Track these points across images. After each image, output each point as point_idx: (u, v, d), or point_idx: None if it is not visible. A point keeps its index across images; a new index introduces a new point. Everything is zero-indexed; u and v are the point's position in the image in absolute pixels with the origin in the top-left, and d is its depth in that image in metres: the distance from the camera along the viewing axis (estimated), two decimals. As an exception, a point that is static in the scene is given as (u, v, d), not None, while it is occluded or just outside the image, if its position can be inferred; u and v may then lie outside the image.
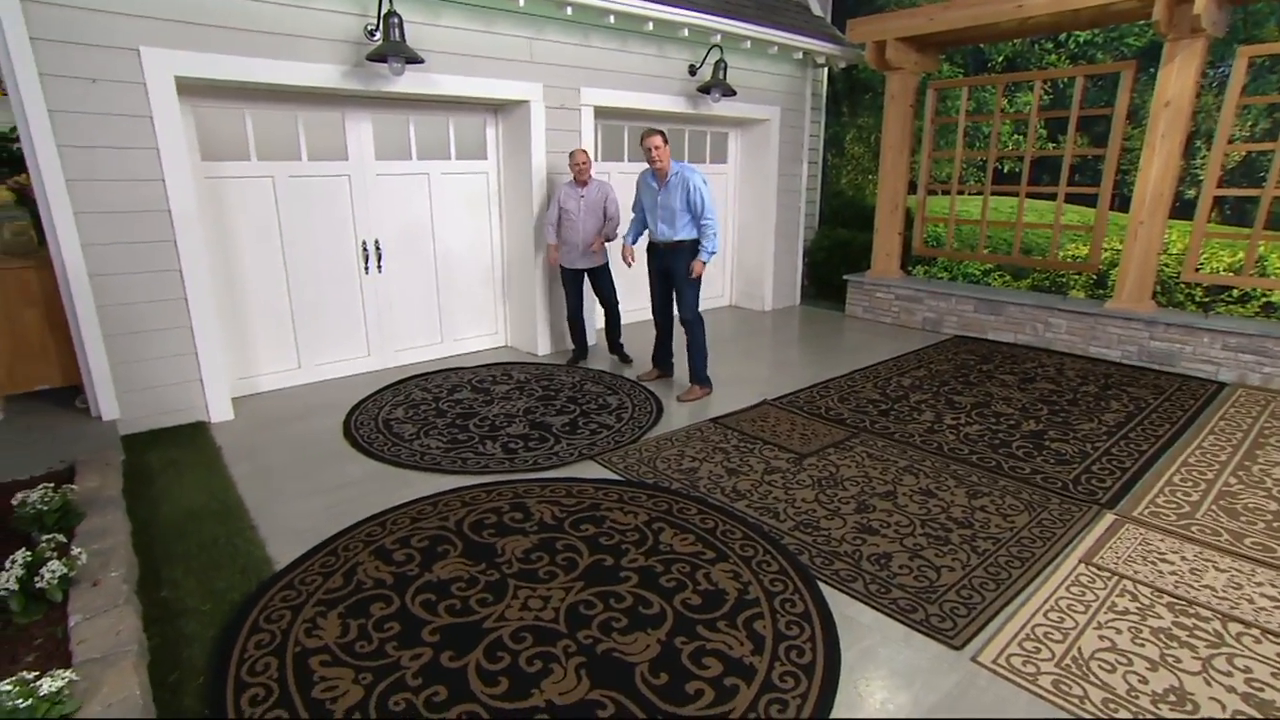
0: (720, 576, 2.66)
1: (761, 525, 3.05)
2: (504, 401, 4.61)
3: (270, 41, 4.08)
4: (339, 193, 4.97)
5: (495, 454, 3.80)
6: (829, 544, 2.91)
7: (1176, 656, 2.32)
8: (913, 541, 2.93)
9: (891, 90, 6.90)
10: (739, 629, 2.35)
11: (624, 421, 4.27)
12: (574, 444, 3.93)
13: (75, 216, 3.66)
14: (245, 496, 3.32)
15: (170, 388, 4.12)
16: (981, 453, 3.86)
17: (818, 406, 4.58)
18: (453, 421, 4.27)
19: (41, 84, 3.48)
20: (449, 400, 4.65)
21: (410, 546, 2.88)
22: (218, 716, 1.95)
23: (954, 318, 6.69)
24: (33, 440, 3.63)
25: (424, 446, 3.90)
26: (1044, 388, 5.01)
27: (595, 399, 4.67)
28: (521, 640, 2.30)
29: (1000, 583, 2.67)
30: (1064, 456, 3.83)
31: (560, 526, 3.03)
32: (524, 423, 4.24)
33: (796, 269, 7.86)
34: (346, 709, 2.01)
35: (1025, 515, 3.19)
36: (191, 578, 2.64)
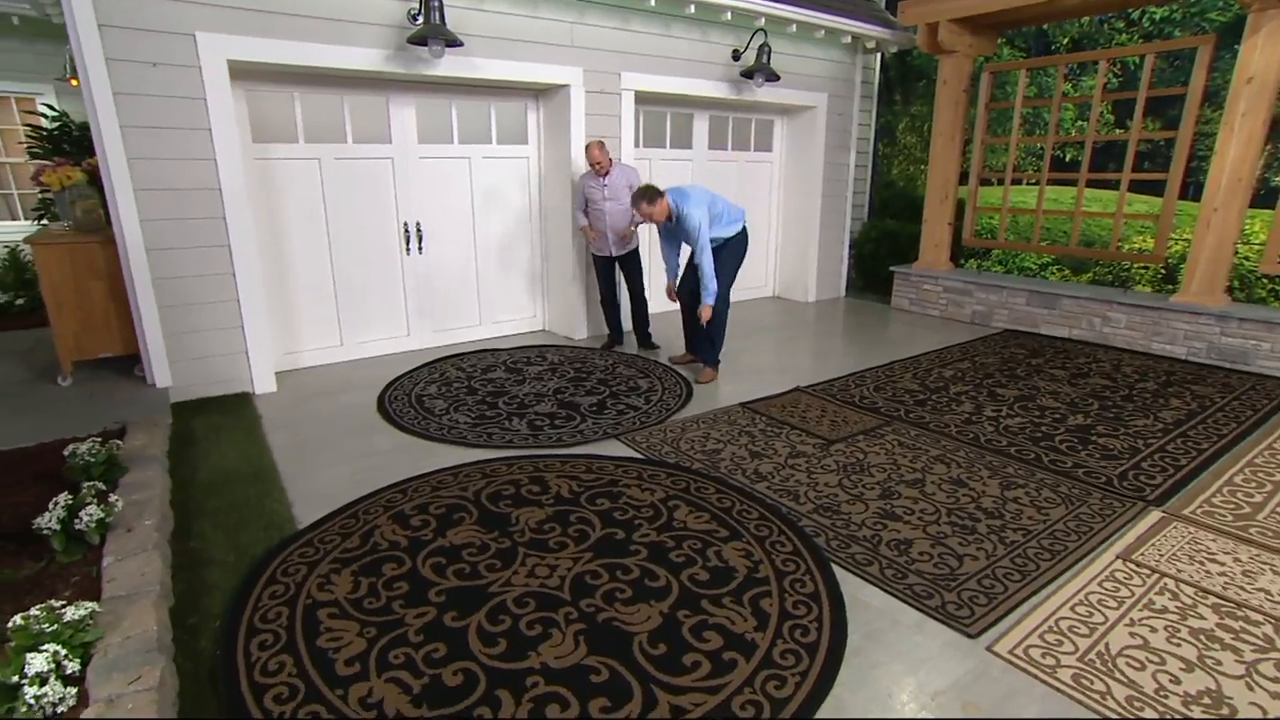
0: (731, 554, 2.61)
1: (779, 507, 2.99)
2: (535, 382, 4.65)
3: (317, 26, 4.21)
4: (382, 175, 5.10)
5: (520, 430, 3.84)
6: (848, 528, 2.83)
7: (1217, 659, 2.17)
8: (936, 529, 2.83)
9: (944, 75, 6.67)
10: (744, 606, 2.31)
11: (652, 403, 4.25)
12: (600, 423, 3.93)
13: (135, 193, 3.86)
14: (278, 462, 3.44)
15: (218, 359, 4.31)
16: (1020, 445, 3.70)
17: (851, 395, 4.46)
18: (483, 399, 4.33)
19: (107, 68, 3.68)
20: (481, 379, 4.72)
21: (428, 513, 2.93)
22: (227, 656, 2.03)
23: (1004, 311, 6.43)
24: (93, 403, 3.85)
25: (452, 421, 3.97)
26: (1097, 383, 4.76)
27: (626, 381, 4.66)
28: (525, 605, 2.32)
29: (1026, 574, 2.55)
30: (1111, 452, 3.63)
31: (576, 500, 3.04)
32: (552, 402, 4.27)
33: (842, 260, 7.69)
34: (347, 658, 2.06)
35: (1061, 509, 3.04)
36: (220, 532, 2.75)
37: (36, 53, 6.48)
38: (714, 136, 6.83)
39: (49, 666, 1.66)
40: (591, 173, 5.05)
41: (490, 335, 5.88)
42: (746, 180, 7.20)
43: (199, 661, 2.04)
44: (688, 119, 6.58)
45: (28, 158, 5.72)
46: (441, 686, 1.96)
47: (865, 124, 7.68)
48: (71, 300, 4.00)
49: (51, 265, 3.91)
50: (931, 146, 6.93)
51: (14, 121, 6.75)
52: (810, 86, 6.78)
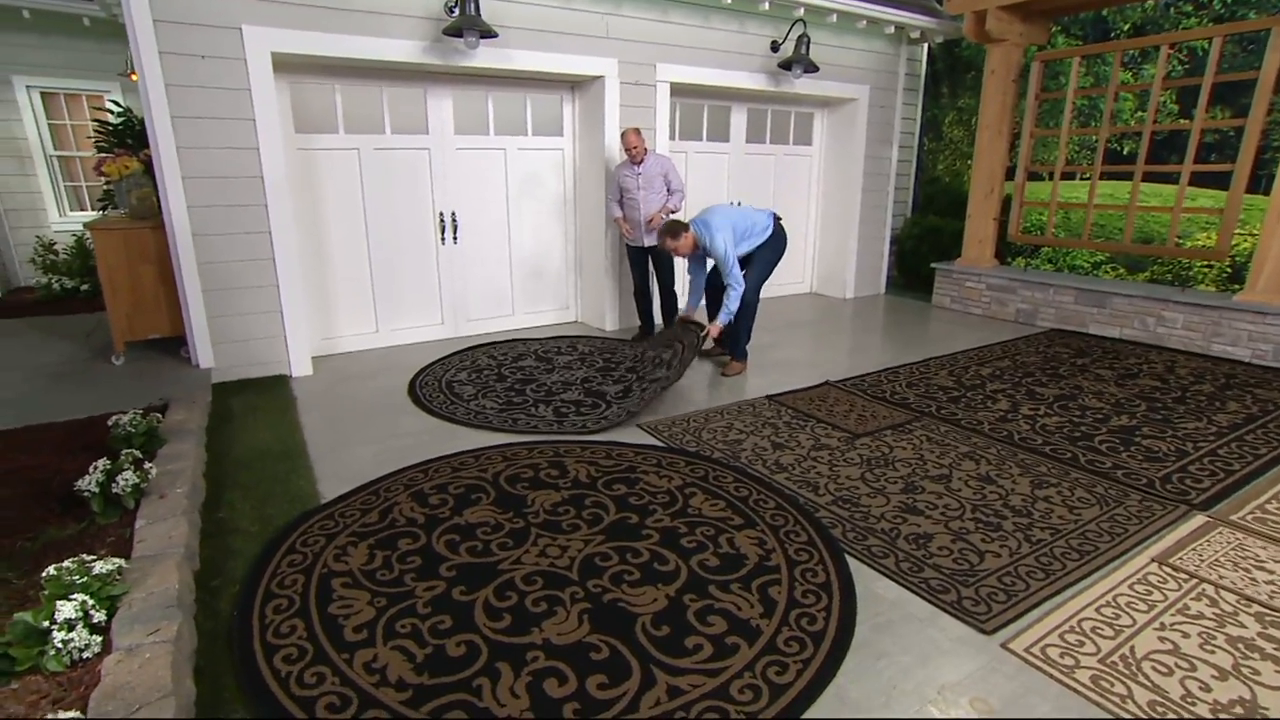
0: (744, 542, 2.59)
1: (797, 497, 2.95)
2: (564, 370, 4.68)
3: (357, 19, 4.32)
4: (419, 165, 5.21)
5: (545, 416, 3.87)
6: (866, 520, 2.77)
7: (1255, 668, 2.06)
8: (959, 525, 2.75)
9: (991, 65, 6.46)
10: (752, 592, 2.29)
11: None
12: (624, 411, 3.93)
13: (183, 181, 4.03)
14: (309, 440, 3.55)
15: (258, 341, 4.47)
16: (1057, 444, 3.56)
17: (882, 390, 4.37)
18: (511, 386, 4.38)
19: (160, 61, 3.85)
20: (511, 366, 4.78)
21: (446, 493, 2.99)
22: (243, 617, 2.11)
23: (1050, 310, 6.20)
24: (141, 381, 4.04)
25: (479, 407, 4.03)
26: (1146, 384, 4.56)
27: (653, 371, 4.66)
28: (532, 583, 2.34)
29: (1051, 573, 2.46)
30: (1156, 454, 3.47)
31: (593, 485, 3.06)
32: (579, 390, 4.30)
33: (882, 256, 7.53)
34: (356, 625, 2.11)
35: (1095, 509, 2.92)
36: (247, 503, 2.85)
37: (106, 52, 6.84)
38: (752, 129, 6.76)
39: (77, 614, 1.75)
40: (626, 161, 5.06)
41: (523, 326, 5.95)
42: (784, 174, 7.12)
43: (218, 621, 2.12)
44: (725, 111, 6.53)
45: (95, 151, 6.03)
46: (444, 656, 1.99)
47: (910, 117, 7.50)
48: (125, 283, 4.20)
49: (108, 250, 4.12)
50: (977, 139, 6.73)
51: (85, 117, 7.13)
52: (851, 78, 6.66)
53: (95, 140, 5.73)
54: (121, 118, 5.71)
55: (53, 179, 7.18)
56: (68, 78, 6.93)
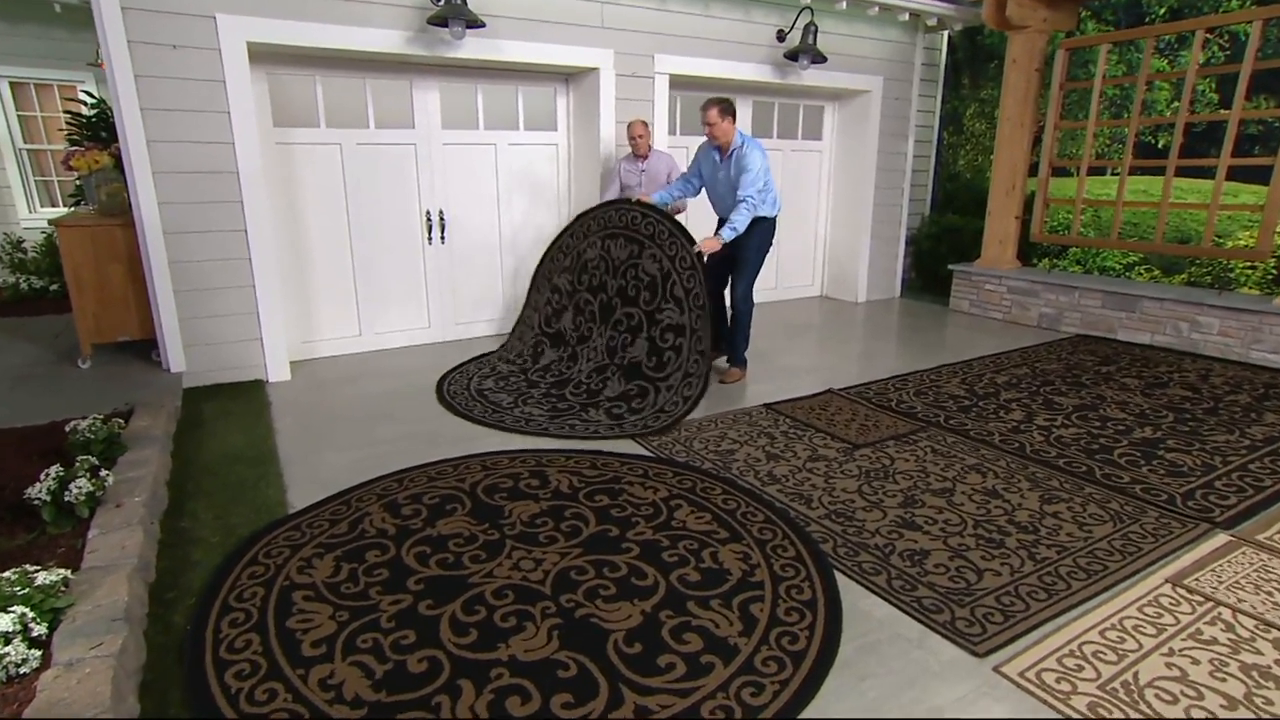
0: (728, 557, 2.61)
1: (788, 510, 2.97)
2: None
3: (338, 7, 4.40)
4: (405, 161, 5.28)
5: (599, 419, 3.95)
6: (859, 535, 2.79)
7: (1269, 698, 2.06)
8: (958, 541, 2.76)
9: (1013, 53, 6.48)
10: (732, 610, 2.31)
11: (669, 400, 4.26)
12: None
13: (153, 176, 4.11)
14: (280, 447, 3.61)
15: (232, 345, 4.53)
16: (1072, 457, 3.57)
17: (888, 399, 4.38)
18: (547, 391, 4.39)
19: (129, 51, 3.94)
20: (538, 371, 4.77)
21: (420, 503, 3.03)
22: (197, 631, 2.15)
23: (1075, 314, 6.19)
24: (108, 385, 4.11)
25: (526, 414, 4.06)
26: (1176, 394, 4.55)
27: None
28: (503, 597, 2.37)
29: (1054, 594, 2.46)
30: (1179, 468, 3.47)
31: (575, 496, 3.09)
32: (619, 378, 4.29)
33: (897, 258, 7.55)
34: (314, 640, 2.15)
35: (1108, 526, 2.92)
36: (211, 512, 2.91)
37: (78, 40, 6.97)
38: (758, 123, 6.80)
39: (16, 628, 1.79)
40: (630, 155, 5.11)
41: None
42: (793, 171, 7.15)
43: (170, 635, 2.16)
44: (728, 104, 6.58)
45: (67, 144, 6.14)
46: (404, 672, 2.02)
47: (927, 110, 7.52)
48: (92, 283, 4.28)
49: (74, 248, 4.20)
50: (998, 133, 6.75)
51: (56, 109, 7.27)
52: (863, 69, 6.70)
53: (67, 133, 5.84)
54: (95, 109, 5.81)
55: (22, 174, 7.32)
56: (38, 67, 7.06)
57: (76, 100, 6.66)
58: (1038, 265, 7.27)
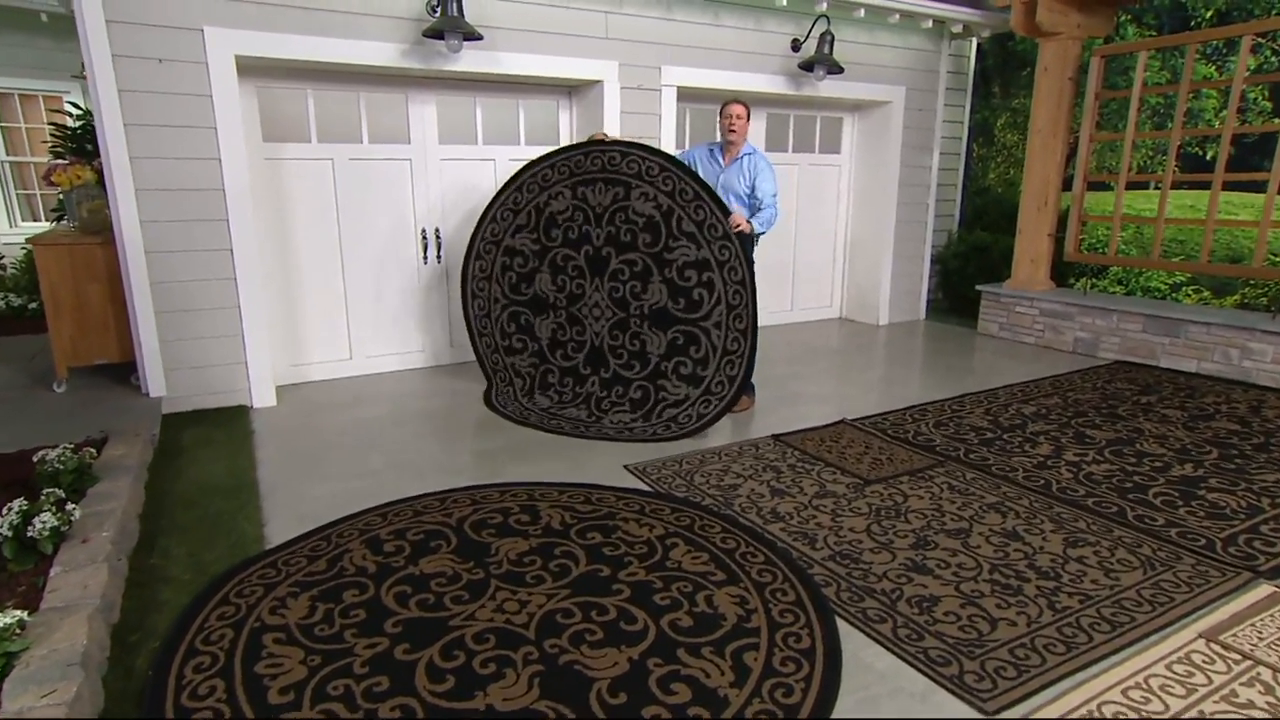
0: (723, 601, 2.63)
1: (790, 551, 2.98)
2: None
3: (330, 20, 4.53)
4: (399, 177, 5.39)
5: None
6: (865, 579, 2.79)
7: (1305, 764, 2.04)
8: (972, 587, 2.75)
9: (1044, 61, 6.53)
10: (724, 658, 2.32)
11: (671, 430, 4.29)
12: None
13: (136, 194, 4.23)
14: (261, 478, 3.67)
15: (215, 369, 4.62)
16: (1102, 496, 3.55)
17: (905, 430, 4.39)
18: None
19: (114, 65, 4.07)
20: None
21: (404, 539, 3.07)
22: (159, 676, 2.19)
23: (1114, 339, 6.17)
24: (82, 411, 4.20)
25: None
26: (1222, 427, 4.51)
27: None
28: (484, 642, 2.40)
29: (1073, 647, 2.45)
30: (1221, 510, 3.44)
31: (565, 533, 3.12)
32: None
33: (921, 278, 7.57)
34: (282, 686, 2.18)
35: (1138, 573, 2.91)
36: (183, 548, 2.96)
37: (64, 50, 7.19)
38: (772, 137, 6.89)
39: (-36, 674, 1.84)
40: None
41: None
42: (810, 185, 7.22)
43: (131, 680, 2.20)
44: (740, 116, 6.66)
45: (51, 157, 6.32)
46: (375, 723, 2.05)
47: (954, 120, 7.58)
48: (70, 304, 4.39)
49: (51, 267, 4.32)
50: (1028, 145, 6.79)
51: (41, 120, 7.49)
52: (884, 79, 6.77)
53: (51, 145, 6.01)
54: (80, 121, 5.98)
55: (3, 187, 7.53)
56: (23, 77, 7.28)
57: (62, 112, 6.87)
58: (1074, 286, 7.26)
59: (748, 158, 4.55)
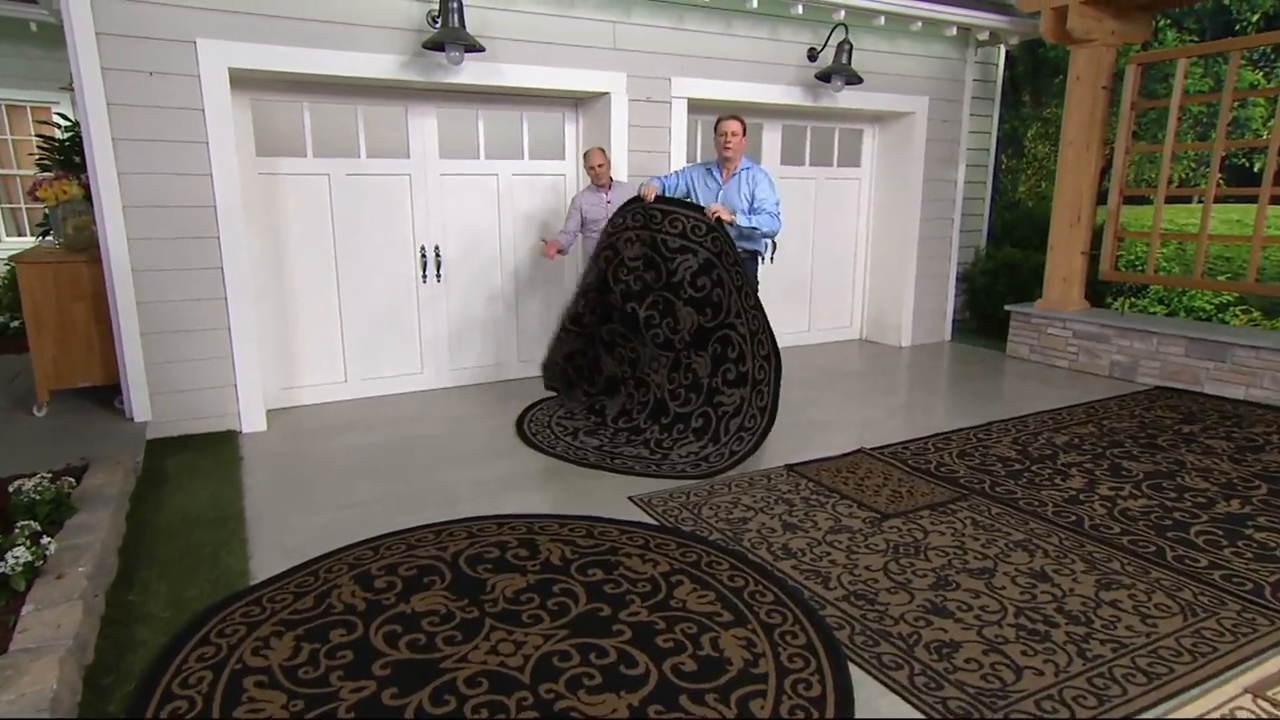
0: (730, 644, 2.62)
1: (801, 591, 2.97)
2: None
3: (326, 30, 4.63)
4: (398, 193, 5.47)
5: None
6: (881, 622, 2.78)
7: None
8: (996, 632, 2.73)
9: (1076, 69, 6.55)
10: (729, 706, 2.31)
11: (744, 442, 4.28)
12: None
13: (124, 210, 4.31)
14: (248, 508, 3.70)
15: (204, 392, 4.68)
16: (1139, 534, 3.52)
17: (926, 460, 4.38)
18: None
19: (103, 78, 4.17)
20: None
21: (396, 574, 3.08)
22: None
23: (1154, 363, 6.13)
24: (63, 436, 4.26)
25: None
26: (1273, 460, 4.47)
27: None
28: (476, 686, 2.40)
29: (1105, 700, 2.42)
30: (1271, 551, 3.39)
31: (565, 569, 3.12)
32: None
33: (946, 297, 7.58)
34: (262, 733, 2.19)
35: (1177, 620, 2.87)
36: (164, 583, 2.98)
37: (54, 60, 7.33)
38: (788, 150, 6.94)
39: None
40: (591, 187, 5.21)
41: (518, 376, 6.09)
42: (827, 200, 7.26)
43: (105, 725, 2.22)
44: (755, 129, 6.70)
45: (37, 170, 6.44)
46: (358, 773, 2.06)
47: (981, 131, 7.62)
48: (53, 324, 4.46)
49: (34, 285, 4.39)
50: (1060, 158, 6.80)
51: (28, 132, 7.64)
52: (906, 89, 6.82)
53: (38, 157, 6.13)
54: (69, 133, 6.10)
55: (-13, 201, 7.67)
56: (10, 87, 7.44)
57: (50, 123, 7.01)
58: (1111, 306, 7.23)
59: (745, 172, 4.60)
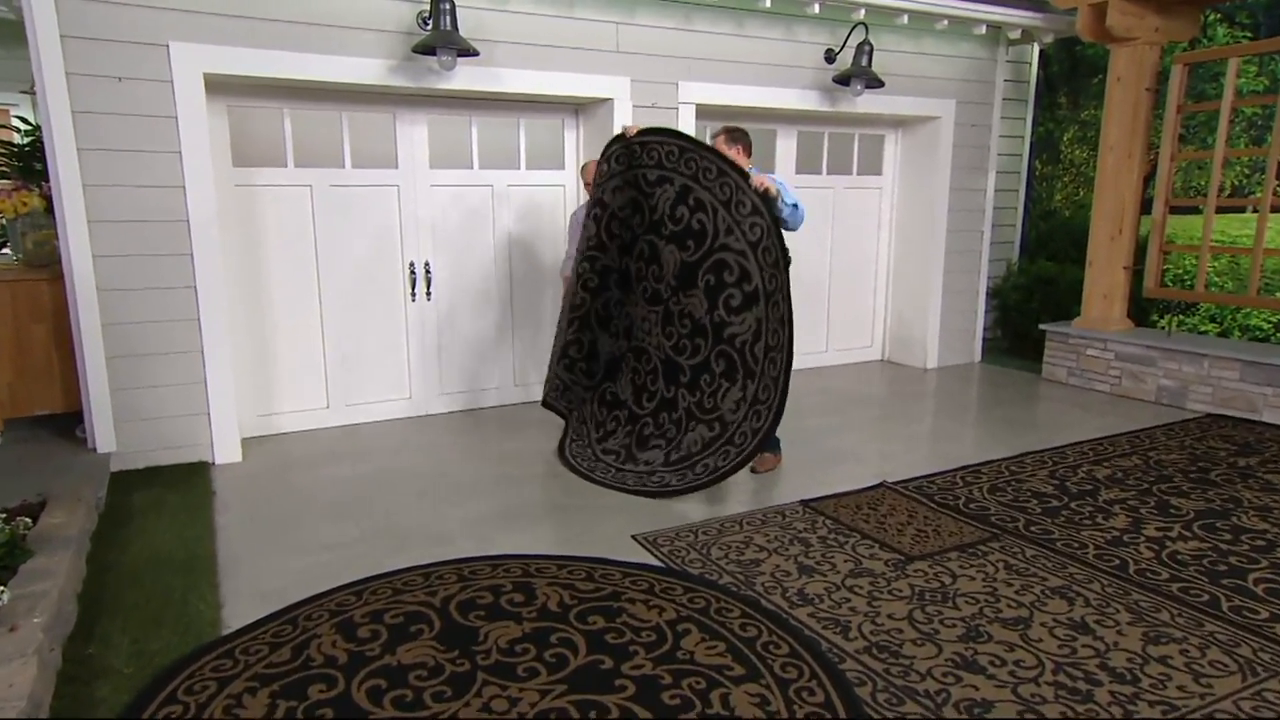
0: (741, 701, 2.59)
1: (819, 641, 2.94)
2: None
3: (309, 33, 4.68)
4: (386, 205, 5.50)
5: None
6: (906, 677, 2.75)
7: None
8: (1032, 691, 2.70)
9: (1117, 70, 6.55)
10: (742, 773, 2.28)
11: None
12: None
13: (89, 225, 4.34)
14: (220, 548, 3.69)
15: (174, 420, 4.69)
16: (1190, 580, 3.47)
17: (954, 496, 4.36)
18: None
19: (68, 84, 4.20)
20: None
21: (381, 623, 3.06)
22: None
23: (1205, 388, 6.09)
24: (18, 470, 4.24)
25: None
26: (1338, 498, 4.43)
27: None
28: (464, 750, 2.38)
29: (1153, 763, 2.39)
30: (1338, 602, 3.36)
31: (564, 616, 3.10)
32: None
33: (975, 315, 7.59)
34: (232, 801, 2.17)
35: (1235, 679, 2.83)
36: (127, 635, 2.96)
37: (16, 58, 7.35)
38: (804, 157, 6.98)
39: None
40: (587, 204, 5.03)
41: (514, 401, 6.10)
42: (847, 211, 7.29)
43: (61, 793, 2.20)
44: (768, 137, 6.76)
45: (-6, 178, 6.47)
46: (335, 847, 2.03)
47: (1013, 135, 7.65)
48: (9, 346, 4.49)
49: (-11, 306, 4.42)
50: (1099, 165, 6.80)
51: (-17, 135, 7.68)
52: (931, 92, 6.86)
53: (-6, 165, 6.15)
54: (30, 136, 6.13)
55: (-61, 212, 7.68)
56: (-36, 87, 7.45)
57: (8, 127, 7.04)
58: (1157, 325, 7.20)
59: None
